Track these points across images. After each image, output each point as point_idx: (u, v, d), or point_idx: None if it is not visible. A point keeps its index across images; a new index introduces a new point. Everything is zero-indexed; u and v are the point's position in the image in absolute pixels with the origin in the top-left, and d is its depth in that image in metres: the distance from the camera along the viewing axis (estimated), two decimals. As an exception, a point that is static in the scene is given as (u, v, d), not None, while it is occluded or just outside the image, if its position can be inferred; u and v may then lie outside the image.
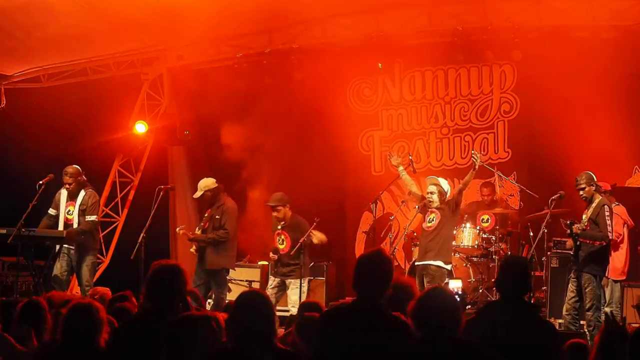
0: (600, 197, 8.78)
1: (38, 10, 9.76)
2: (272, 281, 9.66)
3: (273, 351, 4.03)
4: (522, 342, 4.32)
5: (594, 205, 8.73)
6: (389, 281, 4.32)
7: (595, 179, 8.81)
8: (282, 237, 9.53)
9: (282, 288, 9.55)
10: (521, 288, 4.62)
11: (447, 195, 9.21)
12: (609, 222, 8.65)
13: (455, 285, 9.70)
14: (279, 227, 9.54)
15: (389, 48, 11.71)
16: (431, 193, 9.17)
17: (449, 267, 9.31)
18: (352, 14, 11.49)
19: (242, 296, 4.19)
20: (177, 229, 9.65)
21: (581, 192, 8.78)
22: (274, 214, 9.53)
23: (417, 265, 9.34)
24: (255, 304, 4.12)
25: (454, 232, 10.03)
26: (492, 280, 10.43)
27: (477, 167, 9.13)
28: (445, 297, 4.04)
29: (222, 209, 9.50)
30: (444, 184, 9.35)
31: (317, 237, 9.42)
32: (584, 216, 8.83)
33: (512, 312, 4.48)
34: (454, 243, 10.05)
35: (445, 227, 9.15)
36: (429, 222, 9.20)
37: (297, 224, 9.54)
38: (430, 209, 9.23)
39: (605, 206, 8.68)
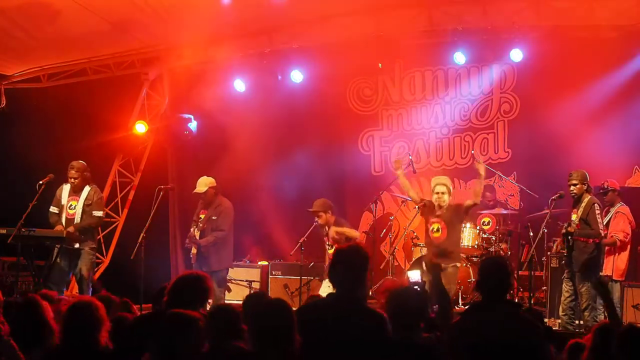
0: (590, 197, 8.83)
1: (38, 10, 9.75)
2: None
3: (291, 356, 4.06)
4: (508, 341, 4.33)
5: (583, 204, 8.79)
6: (363, 274, 4.34)
7: (588, 179, 8.87)
8: (329, 242, 9.52)
9: None
10: (502, 288, 4.64)
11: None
12: (599, 220, 8.73)
13: (412, 276, 9.72)
14: (325, 233, 9.51)
15: (389, 48, 11.71)
16: (442, 193, 8.95)
17: (459, 264, 9.26)
18: (352, 14, 11.48)
19: (265, 302, 4.22)
20: (192, 230, 9.59)
21: (572, 188, 8.85)
22: (316, 219, 9.50)
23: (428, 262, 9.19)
24: (277, 310, 4.15)
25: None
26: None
27: (482, 173, 9.05)
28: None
29: (219, 209, 9.54)
30: (449, 183, 9.26)
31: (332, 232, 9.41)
32: (573, 216, 8.88)
33: (495, 311, 4.50)
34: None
35: (452, 234, 8.99)
36: (435, 233, 8.96)
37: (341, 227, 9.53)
38: (433, 219, 9.01)
39: (596, 205, 8.77)
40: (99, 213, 9.39)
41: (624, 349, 4.12)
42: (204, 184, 9.60)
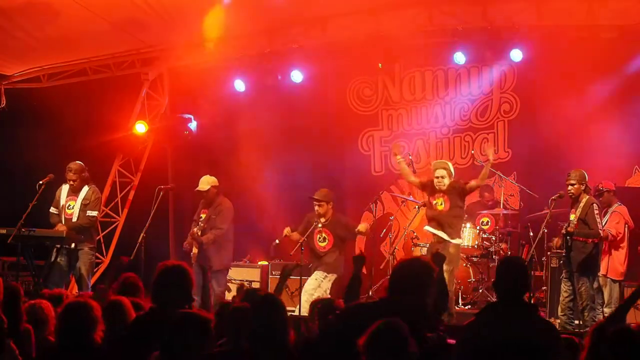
0: (588, 197, 8.84)
1: (38, 10, 9.76)
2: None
3: (286, 354, 4.06)
4: (522, 342, 4.32)
5: (581, 204, 8.80)
6: (424, 288, 4.34)
7: (586, 179, 8.88)
8: (324, 234, 9.51)
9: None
10: (519, 289, 4.62)
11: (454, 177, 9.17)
12: (598, 220, 8.75)
13: None
14: (320, 225, 9.51)
15: (389, 48, 11.71)
16: (441, 177, 9.03)
17: (460, 242, 9.32)
18: (352, 14, 11.48)
19: (258, 299, 4.23)
20: (196, 229, 9.59)
21: (570, 188, 8.87)
22: (316, 208, 9.48)
23: (431, 232, 9.19)
24: (272, 307, 4.16)
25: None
26: (493, 280, 10.43)
27: (490, 158, 9.11)
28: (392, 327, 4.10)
29: (219, 209, 9.57)
30: (451, 166, 9.30)
31: (362, 227, 9.50)
32: (572, 216, 8.88)
33: (511, 313, 4.49)
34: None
35: (455, 208, 9.07)
36: (439, 206, 9.10)
37: (340, 221, 9.56)
38: (437, 193, 9.12)
39: (594, 205, 8.79)
40: (93, 213, 9.40)
41: (615, 350, 4.12)
42: (206, 182, 9.63)
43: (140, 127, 12.25)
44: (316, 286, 9.33)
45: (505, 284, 4.62)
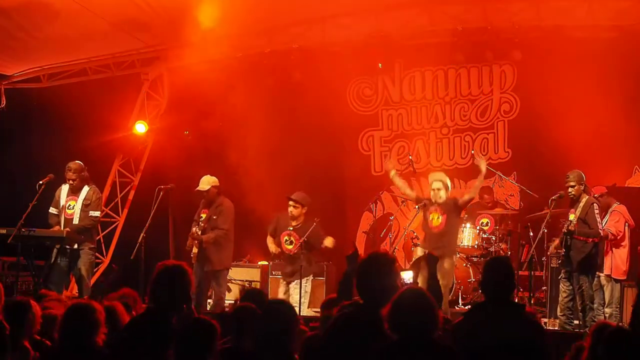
0: (588, 197, 8.85)
1: (38, 10, 9.76)
2: (283, 287, 9.69)
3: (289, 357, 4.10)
4: (510, 341, 4.33)
5: (582, 204, 8.81)
6: (392, 287, 4.35)
7: (584, 179, 8.89)
8: (292, 238, 9.51)
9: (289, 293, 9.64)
10: (505, 288, 4.63)
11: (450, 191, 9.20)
12: (598, 219, 8.75)
13: (406, 276, 9.72)
14: (290, 227, 9.51)
15: (389, 48, 11.72)
16: (438, 189, 9.05)
17: (455, 258, 9.36)
18: (352, 14, 11.49)
19: (271, 304, 4.26)
20: (195, 229, 9.59)
21: (570, 189, 8.88)
22: (291, 209, 9.48)
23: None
24: (284, 313, 4.20)
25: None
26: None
27: (483, 170, 9.14)
28: (422, 299, 4.07)
29: (219, 209, 9.54)
30: (447, 180, 9.33)
31: (328, 242, 9.49)
32: (571, 216, 8.88)
33: (500, 312, 4.49)
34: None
35: (452, 227, 9.11)
36: (434, 222, 9.05)
37: (312, 232, 9.49)
38: (432, 208, 9.10)
39: (594, 204, 8.80)
40: (96, 213, 9.38)
41: (611, 350, 4.12)
42: (207, 182, 9.61)
43: (140, 127, 12.26)
44: (304, 292, 9.41)
45: (493, 284, 4.63)
